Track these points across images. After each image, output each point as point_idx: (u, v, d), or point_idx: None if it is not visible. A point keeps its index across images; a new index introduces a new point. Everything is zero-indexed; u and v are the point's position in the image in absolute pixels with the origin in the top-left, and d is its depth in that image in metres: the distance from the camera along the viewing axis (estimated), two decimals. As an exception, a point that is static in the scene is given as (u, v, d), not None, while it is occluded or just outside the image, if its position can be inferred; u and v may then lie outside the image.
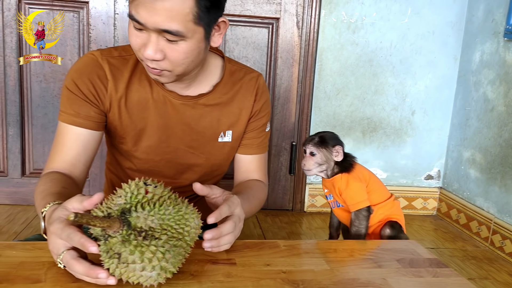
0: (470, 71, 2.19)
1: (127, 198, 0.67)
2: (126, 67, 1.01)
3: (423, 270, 0.83)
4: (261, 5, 2.09)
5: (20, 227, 1.85)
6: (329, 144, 1.10)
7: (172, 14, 0.82)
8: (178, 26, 0.84)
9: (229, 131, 1.09)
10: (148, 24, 0.83)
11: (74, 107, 0.98)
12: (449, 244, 2.01)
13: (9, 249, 0.81)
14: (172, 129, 1.05)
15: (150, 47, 0.86)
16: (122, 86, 1.01)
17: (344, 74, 2.21)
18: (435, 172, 2.38)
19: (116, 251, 0.64)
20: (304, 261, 0.84)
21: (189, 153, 1.08)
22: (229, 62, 1.11)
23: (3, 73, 1.98)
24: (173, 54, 0.88)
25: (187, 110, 1.05)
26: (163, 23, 0.83)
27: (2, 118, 2.02)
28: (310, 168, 1.10)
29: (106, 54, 1.01)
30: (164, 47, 0.87)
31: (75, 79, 0.98)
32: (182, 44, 0.87)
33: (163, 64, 0.89)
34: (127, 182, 1.10)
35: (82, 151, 0.98)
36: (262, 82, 1.14)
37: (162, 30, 0.84)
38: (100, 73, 0.99)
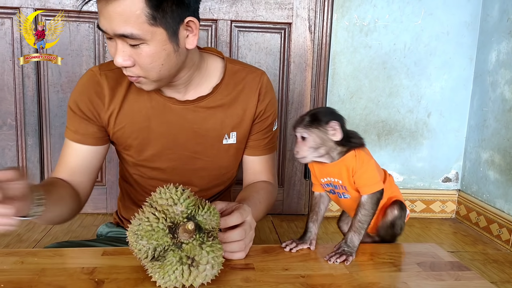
0: (487, 71, 2.16)
1: (184, 204, 0.68)
2: (124, 78, 1.03)
3: (444, 274, 0.82)
4: (273, 11, 2.10)
5: (40, 235, 1.87)
6: (321, 122, 0.86)
7: (124, 18, 0.83)
8: (133, 29, 0.84)
9: (233, 132, 1.08)
10: (108, 31, 0.85)
11: (75, 124, 1.03)
12: (469, 247, 1.97)
13: (31, 256, 0.82)
14: (175, 135, 1.05)
15: (118, 54, 0.88)
16: (120, 99, 1.03)
17: (358, 77, 2.20)
18: (453, 174, 2.35)
19: (191, 256, 0.66)
20: (322, 265, 0.84)
21: (194, 158, 1.08)
22: (230, 62, 1.10)
23: (21, 84, 2.02)
24: (139, 59, 0.88)
25: (189, 115, 1.04)
26: (118, 27, 0.84)
27: (21, 129, 2.06)
28: (304, 155, 0.87)
29: (104, 68, 1.04)
30: (131, 52, 0.87)
31: (76, 99, 1.03)
32: (145, 47, 0.87)
33: (135, 71, 0.90)
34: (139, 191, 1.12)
35: (81, 164, 1.03)
36: (265, 81, 1.11)
37: (120, 35, 0.85)
38: (98, 89, 1.02)
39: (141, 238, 0.66)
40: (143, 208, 0.71)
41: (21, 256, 0.82)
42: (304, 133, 0.87)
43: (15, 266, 0.77)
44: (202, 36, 2.09)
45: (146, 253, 0.67)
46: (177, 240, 0.67)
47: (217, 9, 2.06)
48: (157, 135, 1.05)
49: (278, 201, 2.19)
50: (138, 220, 0.69)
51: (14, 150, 2.08)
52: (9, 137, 2.07)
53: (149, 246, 0.66)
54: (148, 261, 0.68)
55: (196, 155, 1.08)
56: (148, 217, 0.67)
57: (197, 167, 1.09)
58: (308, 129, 0.86)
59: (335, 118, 0.88)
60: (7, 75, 2.01)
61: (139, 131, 1.04)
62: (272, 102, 1.12)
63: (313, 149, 0.87)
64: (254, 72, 1.11)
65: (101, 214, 2.16)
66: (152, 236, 0.66)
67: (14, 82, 2.02)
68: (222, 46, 2.09)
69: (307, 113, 0.90)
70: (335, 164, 0.89)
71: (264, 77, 1.11)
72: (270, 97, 1.12)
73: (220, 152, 1.09)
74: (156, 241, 0.66)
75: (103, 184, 2.17)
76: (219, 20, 2.07)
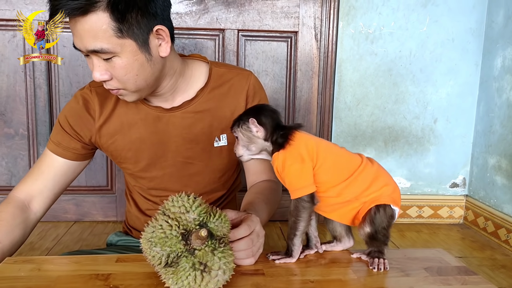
0: (492, 77, 2.17)
1: (196, 212, 0.71)
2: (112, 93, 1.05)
3: (451, 278, 0.83)
4: (279, 20, 2.13)
5: (52, 243, 1.90)
6: (244, 120, 0.86)
7: (93, 34, 0.86)
8: (102, 44, 0.87)
9: (223, 134, 1.09)
10: (81, 48, 0.89)
11: (58, 137, 1.07)
12: (477, 253, 1.97)
13: (46, 263, 0.85)
14: (166, 143, 1.07)
15: (95, 70, 0.91)
16: (108, 112, 1.06)
17: (364, 84, 2.22)
18: (460, 180, 2.35)
19: (204, 262, 0.68)
20: (331, 271, 0.85)
21: (188, 164, 1.09)
22: (215, 66, 1.11)
23: (33, 94, 2.06)
24: (114, 72, 0.91)
25: (177, 121, 1.06)
26: (89, 44, 0.87)
27: (33, 138, 2.10)
28: (240, 154, 0.88)
29: (94, 85, 1.09)
30: (106, 66, 0.90)
31: (66, 114, 1.08)
32: (117, 60, 0.89)
33: (113, 83, 0.93)
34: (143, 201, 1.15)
35: (52, 177, 1.07)
36: (253, 81, 1.11)
37: (92, 51, 0.88)
38: (88, 105, 1.07)
39: (155, 245, 0.68)
40: (156, 216, 0.74)
41: (37, 263, 0.84)
42: (234, 133, 0.88)
43: (32, 273, 0.80)
44: (209, 45, 2.12)
45: (159, 260, 0.69)
46: (190, 246, 0.69)
47: (224, 18, 2.09)
48: (149, 145, 1.07)
49: (286, 207, 2.20)
50: (151, 227, 0.71)
51: (26, 159, 2.11)
52: (21, 146, 2.11)
53: (162, 253, 0.69)
54: (162, 267, 0.70)
55: (189, 160, 1.09)
56: (161, 225, 0.70)
57: (192, 172, 1.10)
58: (235, 128, 0.87)
59: (254, 115, 0.85)
60: (19, 86, 2.06)
61: (132, 143, 1.07)
62: (262, 101, 1.13)
63: (245, 148, 0.87)
64: (240, 73, 1.12)
65: (111, 222, 2.19)
66: (166, 243, 0.68)
67: (26, 93, 2.06)
68: (229, 55, 2.12)
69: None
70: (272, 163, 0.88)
71: (251, 78, 1.12)
72: (260, 96, 1.13)
73: (212, 155, 1.10)
74: (170, 247, 0.68)
75: (112, 193, 2.20)
76: (226, 29, 2.11)
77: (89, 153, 1.12)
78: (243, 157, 0.89)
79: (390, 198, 0.88)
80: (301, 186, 0.84)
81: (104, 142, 1.08)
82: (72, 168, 1.10)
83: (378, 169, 0.91)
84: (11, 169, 2.12)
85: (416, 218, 2.34)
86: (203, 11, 2.08)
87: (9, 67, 2.04)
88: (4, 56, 2.03)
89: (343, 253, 0.94)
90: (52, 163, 1.08)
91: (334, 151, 0.89)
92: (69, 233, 2.02)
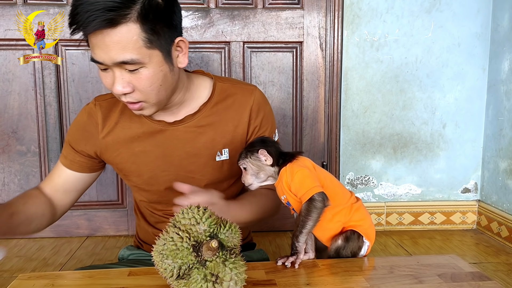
0: (500, 80, 2.16)
1: (206, 223, 0.71)
2: (116, 107, 1.09)
3: (465, 284, 0.82)
4: (284, 31, 2.15)
5: (65, 258, 1.91)
6: (253, 152, 0.97)
7: (122, 45, 0.86)
8: (132, 55, 0.88)
9: (225, 149, 1.10)
10: (106, 61, 0.89)
11: (66, 151, 1.12)
12: (492, 258, 1.94)
13: (60, 278, 0.85)
14: (169, 156, 1.08)
15: (117, 82, 0.91)
16: (112, 125, 1.08)
17: (371, 91, 2.22)
18: (472, 184, 2.33)
19: (215, 273, 0.68)
20: (343, 279, 0.85)
21: (190, 178, 1.09)
22: (219, 80, 1.12)
23: (44, 112, 2.10)
24: (139, 83, 0.92)
25: (180, 135, 1.07)
26: (117, 55, 0.87)
27: (44, 155, 2.13)
28: (250, 182, 0.98)
29: (99, 99, 1.12)
30: (129, 79, 0.91)
31: (72, 130, 1.12)
32: (144, 71, 0.91)
33: (135, 96, 0.94)
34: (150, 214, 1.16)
35: (63, 184, 1.13)
36: (257, 96, 1.12)
37: (119, 63, 0.88)
38: (93, 120, 1.09)
39: (167, 257, 0.69)
40: (167, 228, 0.74)
41: (51, 279, 0.85)
42: (243, 164, 0.98)
43: (46, 288, 0.81)
44: (215, 58, 2.14)
45: (171, 272, 0.69)
46: (201, 258, 0.69)
47: (230, 31, 2.12)
48: (152, 159, 1.08)
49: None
50: (162, 240, 0.72)
51: (38, 176, 2.14)
52: (33, 163, 2.13)
53: (174, 265, 0.69)
54: (174, 279, 0.70)
55: (191, 174, 1.10)
56: (172, 237, 0.70)
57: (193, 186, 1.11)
58: (244, 160, 0.98)
59: (263, 146, 0.97)
60: (30, 104, 2.09)
61: (135, 156, 1.08)
62: (267, 116, 1.14)
63: (254, 176, 0.98)
64: (245, 88, 1.12)
65: (123, 236, 2.20)
66: (177, 255, 0.68)
67: (37, 111, 2.10)
68: (235, 67, 2.14)
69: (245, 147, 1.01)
70: (277, 184, 0.97)
71: (255, 93, 1.12)
72: (264, 111, 1.13)
73: (214, 169, 1.11)
74: (181, 259, 0.69)
75: (124, 207, 2.21)
76: (231, 42, 2.13)
77: (97, 165, 1.14)
78: (253, 185, 0.99)
79: (365, 232, 0.98)
80: (312, 186, 0.91)
81: (109, 155, 1.10)
82: (82, 179, 1.14)
83: (361, 205, 1.01)
84: (23, 186, 2.14)
85: (428, 224, 2.31)
86: (208, 25, 2.11)
87: (21, 86, 2.08)
88: (15, 75, 2.07)
89: (354, 262, 0.94)
90: (61, 173, 1.13)
91: (330, 177, 0.99)
92: (82, 248, 2.03)
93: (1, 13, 2.01)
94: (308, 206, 0.90)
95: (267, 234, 2.19)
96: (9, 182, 2.14)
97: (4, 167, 2.13)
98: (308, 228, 0.91)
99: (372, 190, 2.29)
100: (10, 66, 2.06)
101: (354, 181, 2.28)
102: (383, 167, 2.28)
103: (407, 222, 2.31)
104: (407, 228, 2.31)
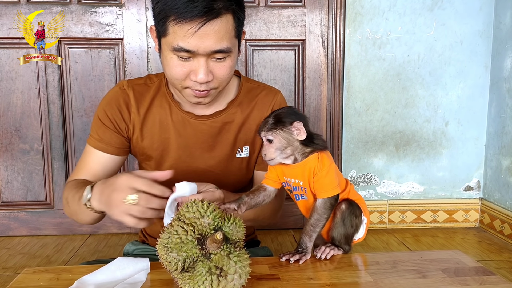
0: (503, 78, 2.16)
1: (211, 216, 0.72)
2: (148, 92, 1.09)
3: (469, 279, 0.82)
4: (286, 29, 2.15)
5: (68, 255, 1.92)
6: (285, 123, 0.87)
7: (221, 34, 0.89)
8: (228, 43, 0.91)
9: (246, 146, 1.12)
10: (200, 50, 0.90)
11: (100, 132, 1.09)
12: (494, 256, 1.94)
13: (66, 272, 0.86)
14: (191, 148, 1.10)
15: (201, 71, 0.92)
16: (143, 110, 1.09)
17: (373, 89, 2.22)
18: (475, 182, 2.33)
19: (220, 266, 0.69)
20: (347, 274, 0.85)
21: (208, 171, 1.11)
22: (246, 81, 1.15)
23: (47, 110, 2.10)
24: (221, 71, 0.95)
25: (205, 129, 1.09)
26: (215, 44, 0.89)
27: (47, 153, 2.13)
28: (272, 157, 0.88)
29: (132, 82, 1.12)
30: (212, 67, 0.93)
31: (105, 108, 1.09)
32: (228, 59, 0.94)
33: (211, 84, 0.96)
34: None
35: (100, 171, 1.09)
36: (279, 99, 1.15)
37: (215, 51, 0.90)
38: (126, 99, 1.09)
39: (171, 250, 0.69)
40: (171, 222, 0.74)
41: (56, 273, 0.85)
42: (270, 136, 0.88)
43: (51, 283, 0.81)
44: (218, 56, 2.14)
45: (176, 265, 0.70)
46: (206, 251, 0.70)
47: (232, 29, 2.12)
48: (175, 148, 1.10)
49: (299, 215, 2.20)
50: (167, 233, 0.72)
51: (41, 174, 2.15)
52: (36, 161, 2.14)
53: (179, 258, 0.69)
54: (178, 272, 0.71)
55: (210, 168, 1.12)
56: (177, 230, 0.71)
57: (210, 180, 1.11)
58: (273, 131, 0.87)
59: (298, 118, 0.88)
60: (33, 102, 2.10)
61: (160, 142, 1.10)
62: None
63: (280, 151, 0.88)
64: (269, 90, 1.16)
65: (126, 233, 2.20)
66: (182, 248, 0.69)
67: (40, 109, 2.10)
68: (238, 65, 2.14)
69: (269, 116, 0.91)
70: (298, 166, 0.89)
71: (278, 95, 1.16)
72: None
73: (233, 165, 1.13)
74: (186, 252, 0.69)
75: (126, 204, 2.21)
76: (234, 40, 2.13)
77: (128, 146, 1.13)
78: (274, 160, 0.89)
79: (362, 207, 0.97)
80: (335, 186, 0.89)
81: (136, 137, 1.10)
82: (117, 162, 1.12)
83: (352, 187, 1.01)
84: (26, 184, 2.15)
85: (431, 222, 2.31)
86: (211, 23, 2.11)
87: (23, 84, 2.08)
88: (18, 74, 2.07)
89: (357, 257, 0.94)
90: (97, 159, 1.09)
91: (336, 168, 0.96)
92: (85, 245, 2.04)
93: (4, 11, 2.02)
94: (325, 205, 0.89)
95: (269, 232, 2.19)
96: (12, 180, 2.14)
97: (8, 165, 2.14)
98: (320, 228, 0.91)
99: (374, 188, 2.29)
100: (13, 64, 2.07)
101: (357, 179, 2.28)
102: (386, 165, 2.28)
103: (409, 220, 2.31)
104: (410, 226, 2.31)
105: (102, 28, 2.08)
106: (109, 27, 2.08)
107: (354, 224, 0.95)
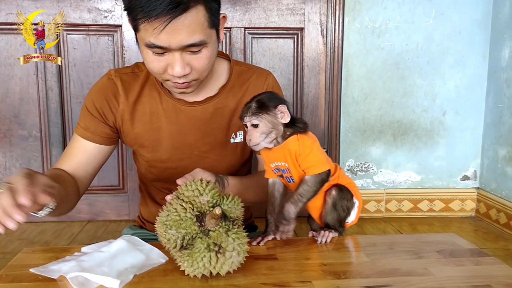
0: (500, 68, 2.16)
1: (209, 194, 0.72)
2: (136, 81, 1.08)
3: (464, 260, 0.83)
4: (285, 17, 2.14)
5: (66, 241, 1.93)
6: (270, 107, 0.88)
7: (192, 28, 0.87)
8: (200, 36, 0.89)
9: (240, 131, 1.12)
10: (172, 45, 0.88)
11: (86, 122, 1.08)
12: (490, 244, 1.96)
13: (65, 252, 0.86)
14: (184, 135, 1.09)
15: (177, 65, 0.91)
16: (132, 99, 1.08)
17: (371, 78, 2.22)
18: (471, 172, 2.34)
19: (218, 243, 0.69)
20: (343, 255, 0.86)
21: (203, 157, 1.11)
22: (236, 64, 1.14)
23: (45, 96, 2.10)
24: (199, 63, 0.93)
25: (197, 115, 1.09)
26: (187, 39, 0.87)
27: (46, 140, 2.13)
28: (257, 142, 0.88)
29: (119, 71, 1.11)
30: (189, 60, 0.92)
31: (93, 98, 1.09)
32: (205, 51, 0.92)
33: (191, 76, 0.95)
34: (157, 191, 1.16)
35: (84, 160, 1.09)
36: (271, 81, 1.14)
37: (187, 46, 0.88)
38: (114, 89, 1.08)
39: (170, 227, 0.70)
40: (170, 201, 0.75)
41: (56, 252, 0.86)
42: (255, 120, 0.88)
43: (50, 262, 0.82)
44: (217, 44, 2.14)
45: (175, 242, 0.71)
46: (205, 228, 0.70)
47: (231, 17, 2.11)
48: (168, 136, 1.09)
49: (297, 203, 2.21)
50: (166, 211, 0.73)
51: (39, 160, 2.15)
52: (34, 148, 2.14)
53: (178, 235, 0.70)
54: (177, 250, 0.71)
55: (205, 154, 1.12)
56: (176, 208, 0.71)
57: (205, 166, 1.10)
58: (258, 115, 0.87)
59: (281, 102, 0.89)
60: (31, 88, 2.09)
61: (152, 131, 1.09)
62: None
63: (265, 135, 0.88)
64: (259, 72, 1.15)
65: (124, 220, 2.21)
66: (181, 225, 0.69)
67: (38, 95, 2.10)
68: (236, 53, 2.14)
69: (251, 101, 0.91)
70: (279, 148, 0.90)
71: (269, 77, 1.14)
72: None
73: (228, 150, 1.13)
74: (185, 229, 0.70)
75: (125, 192, 2.23)
76: (233, 28, 2.13)
77: (115, 137, 1.13)
78: (259, 145, 0.89)
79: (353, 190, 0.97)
80: (324, 161, 0.89)
81: (126, 127, 1.10)
82: (102, 152, 1.11)
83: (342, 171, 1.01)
84: (25, 171, 2.15)
85: (427, 211, 2.33)
86: (210, 10, 2.10)
87: (22, 70, 2.08)
88: (16, 60, 2.07)
89: (354, 239, 0.95)
90: (83, 147, 1.09)
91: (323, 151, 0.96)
92: (83, 232, 2.05)
93: (2, -3, 2.01)
94: (315, 179, 0.88)
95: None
96: (11, 166, 2.15)
97: (6, 152, 2.14)
98: (309, 198, 0.89)
99: (371, 177, 2.31)
100: (12, 50, 2.06)
101: (354, 168, 2.29)
102: (383, 154, 2.29)
103: (406, 209, 2.32)
104: (406, 215, 2.32)
105: (101, 14, 2.07)
106: (108, 13, 2.07)
107: (345, 208, 0.95)
